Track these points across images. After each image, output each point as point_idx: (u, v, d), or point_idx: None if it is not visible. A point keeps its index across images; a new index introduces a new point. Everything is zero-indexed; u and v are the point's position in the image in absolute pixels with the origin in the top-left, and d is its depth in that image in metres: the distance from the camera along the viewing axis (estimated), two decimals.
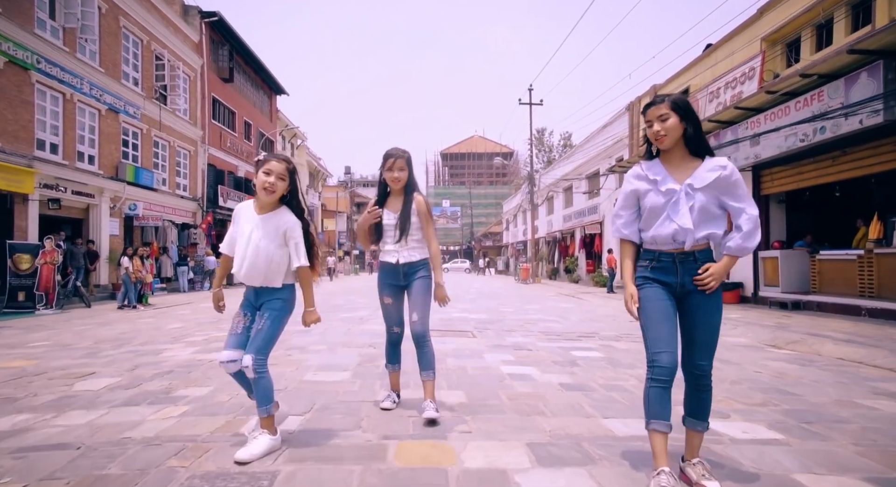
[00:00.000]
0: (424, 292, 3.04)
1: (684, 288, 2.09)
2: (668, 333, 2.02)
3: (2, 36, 11.08)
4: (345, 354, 5.11)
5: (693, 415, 2.13)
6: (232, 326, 2.59)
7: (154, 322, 8.65)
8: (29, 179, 11.72)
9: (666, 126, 2.05)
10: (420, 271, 3.06)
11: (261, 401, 2.43)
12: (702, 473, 2.04)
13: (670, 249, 2.09)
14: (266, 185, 2.46)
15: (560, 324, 7.99)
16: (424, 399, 2.98)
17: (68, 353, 5.34)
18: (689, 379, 2.13)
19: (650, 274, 2.12)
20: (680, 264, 2.08)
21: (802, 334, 6.78)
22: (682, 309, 2.12)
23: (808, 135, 8.70)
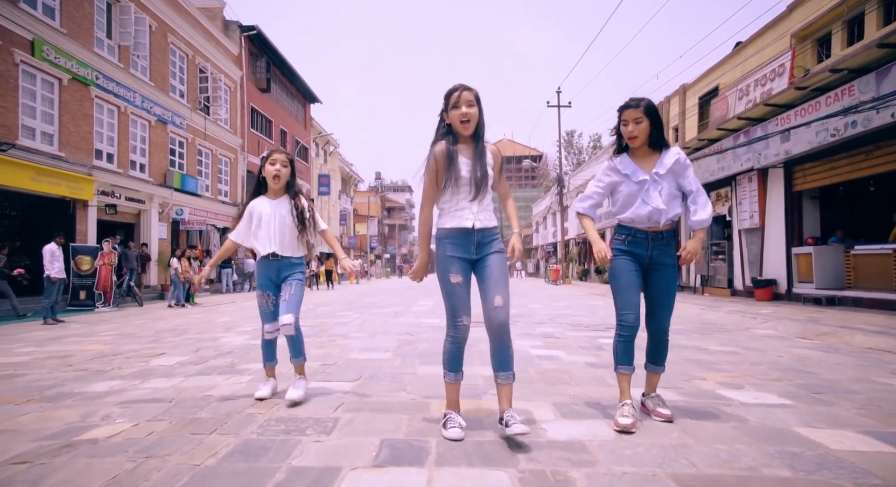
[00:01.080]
0: (504, 268, 2.39)
1: (652, 260, 2.56)
2: (634, 298, 2.52)
3: (66, 55, 12.05)
4: (384, 339, 5.51)
5: (653, 362, 2.66)
6: (262, 306, 3.03)
7: (204, 317, 9.28)
8: (89, 187, 12.66)
9: (640, 128, 2.49)
10: (495, 241, 2.43)
11: (298, 352, 2.96)
12: (657, 403, 2.61)
13: (644, 227, 2.55)
14: (274, 173, 2.99)
15: (588, 318, 8.21)
16: (502, 408, 2.29)
17: (136, 340, 5.92)
18: (653, 335, 2.63)
19: (625, 247, 2.58)
20: (651, 240, 2.55)
21: (834, 327, 6.81)
22: (647, 279, 2.60)
23: (840, 129, 8.68)
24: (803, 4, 10.78)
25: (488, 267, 2.36)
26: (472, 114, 2.30)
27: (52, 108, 11.88)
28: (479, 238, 2.37)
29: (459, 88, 2.31)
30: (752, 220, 12.10)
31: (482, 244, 2.38)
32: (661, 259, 2.55)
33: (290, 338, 2.91)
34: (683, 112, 15.96)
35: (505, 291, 2.31)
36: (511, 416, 2.21)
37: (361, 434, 2.33)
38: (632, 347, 2.55)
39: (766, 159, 10.84)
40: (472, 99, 2.30)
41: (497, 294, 2.29)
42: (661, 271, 2.56)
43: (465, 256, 2.37)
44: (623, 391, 2.54)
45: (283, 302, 2.89)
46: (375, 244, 52.53)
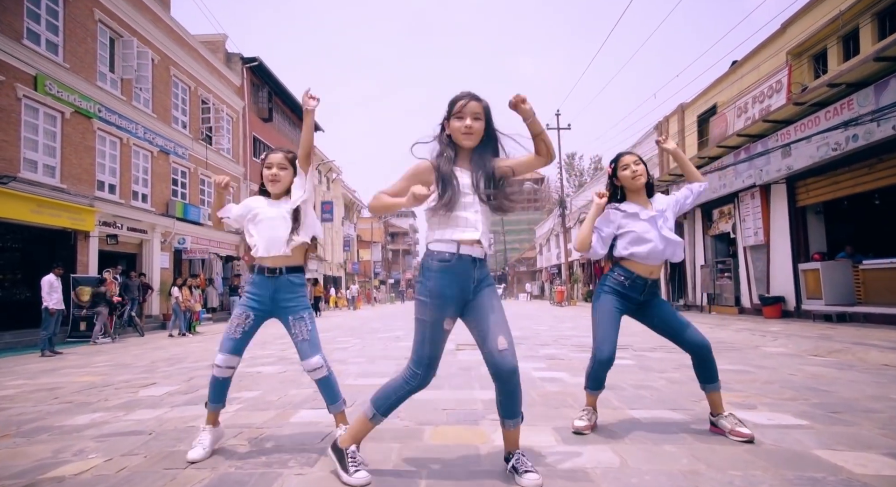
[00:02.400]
0: (500, 305, 2.06)
1: (643, 302, 2.65)
2: (612, 333, 2.57)
3: (69, 89, 12.24)
4: (383, 364, 5.35)
5: (706, 381, 2.57)
6: (230, 328, 2.41)
7: (203, 345, 9.13)
8: (90, 218, 12.69)
9: (640, 168, 2.65)
10: (489, 274, 2.09)
11: (335, 396, 2.43)
12: (735, 422, 2.47)
13: (645, 274, 2.61)
14: (270, 177, 2.48)
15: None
16: (508, 449, 2.05)
17: (129, 370, 5.77)
18: (693, 354, 2.58)
19: (620, 290, 2.62)
20: (649, 287, 2.63)
21: (846, 343, 6.60)
22: (646, 315, 2.66)
23: (841, 143, 8.63)
24: (797, 22, 10.88)
25: (485, 303, 1.98)
26: (476, 129, 2.02)
27: (54, 141, 12.00)
28: (478, 273, 1.99)
29: (466, 97, 2.02)
30: (756, 237, 11.95)
31: (479, 279, 2.01)
32: (652, 297, 2.65)
33: (323, 383, 2.39)
34: (682, 130, 16.00)
35: (507, 331, 1.96)
36: (519, 460, 1.97)
37: None
38: (604, 375, 2.66)
39: (768, 175, 10.77)
40: (480, 111, 2.02)
41: (500, 334, 1.92)
42: (654, 305, 2.64)
43: (462, 295, 1.98)
44: (589, 402, 2.75)
45: (303, 342, 2.37)
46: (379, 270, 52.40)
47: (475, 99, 2.03)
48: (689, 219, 15.36)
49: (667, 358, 5.61)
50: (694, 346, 2.54)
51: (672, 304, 2.58)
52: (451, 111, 2.04)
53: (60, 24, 12.20)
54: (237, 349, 2.40)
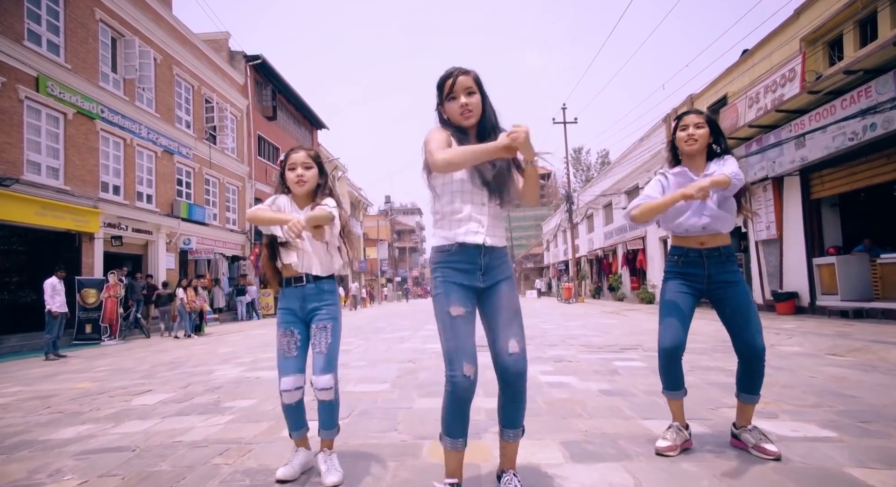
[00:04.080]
0: (516, 301, 1.91)
1: (712, 280, 2.35)
2: (678, 318, 2.31)
3: (71, 90, 12.18)
4: (385, 368, 5.19)
5: (744, 389, 2.35)
6: (282, 349, 2.20)
7: (207, 348, 9.03)
8: (95, 219, 12.64)
9: (700, 132, 2.34)
10: (504, 265, 1.92)
11: (332, 422, 2.20)
12: (759, 437, 2.28)
13: (697, 244, 2.36)
14: (297, 179, 2.28)
15: (602, 338, 7.82)
16: (503, 466, 1.92)
17: (128, 376, 5.66)
18: (741, 358, 2.34)
19: (678, 269, 2.40)
20: (707, 258, 2.34)
21: (866, 341, 6.35)
22: (715, 300, 2.37)
23: (858, 133, 8.32)
24: (811, 7, 10.54)
25: (497, 300, 1.85)
26: (475, 104, 1.84)
27: (57, 143, 11.95)
28: (487, 260, 1.85)
29: (454, 73, 1.84)
30: (768, 231, 11.65)
31: (490, 268, 1.86)
32: (721, 276, 2.34)
33: (325, 406, 2.16)
34: None
35: (520, 332, 1.83)
36: (511, 484, 1.81)
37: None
38: (674, 371, 2.35)
39: (781, 167, 10.46)
40: (472, 84, 1.84)
41: (511, 336, 1.79)
42: (725, 289, 2.33)
43: (469, 283, 1.84)
44: (673, 415, 2.42)
45: (318, 354, 2.14)
46: (386, 267, 52.36)
47: (463, 73, 1.85)
48: None
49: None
50: (745, 349, 2.30)
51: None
52: (442, 93, 1.88)
53: (61, 24, 12.12)
54: (297, 367, 2.18)
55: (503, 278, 1.89)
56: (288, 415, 2.21)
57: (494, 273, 1.87)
